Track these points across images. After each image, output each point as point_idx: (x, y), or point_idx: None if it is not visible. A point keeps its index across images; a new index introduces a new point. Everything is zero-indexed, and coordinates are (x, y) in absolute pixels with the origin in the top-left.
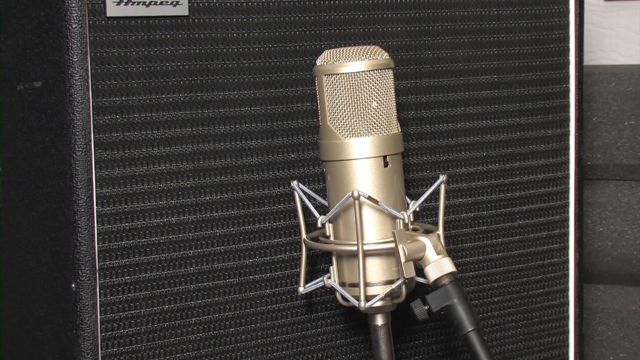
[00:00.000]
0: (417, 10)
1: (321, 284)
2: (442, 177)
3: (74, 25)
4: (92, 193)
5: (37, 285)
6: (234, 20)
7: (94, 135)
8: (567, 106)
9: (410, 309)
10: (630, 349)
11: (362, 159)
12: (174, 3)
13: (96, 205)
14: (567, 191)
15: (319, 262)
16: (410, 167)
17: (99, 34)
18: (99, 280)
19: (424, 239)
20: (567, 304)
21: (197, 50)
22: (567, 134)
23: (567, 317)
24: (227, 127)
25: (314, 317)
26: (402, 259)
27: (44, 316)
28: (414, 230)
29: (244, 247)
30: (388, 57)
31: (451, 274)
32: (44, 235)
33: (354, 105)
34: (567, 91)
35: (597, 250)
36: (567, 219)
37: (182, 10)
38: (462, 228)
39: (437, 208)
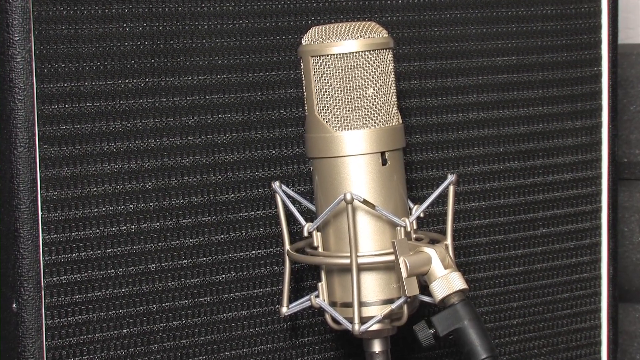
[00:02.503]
0: None
1: (308, 303)
2: (451, 177)
3: None
4: (36, 196)
5: None
6: None
7: (38, 127)
8: (599, 93)
9: (413, 333)
10: None
11: (356, 156)
12: None
13: (41, 211)
14: (599, 194)
15: (305, 278)
16: (413, 166)
17: (44, 8)
18: (45, 299)
19: (429, 251)
20: (599, 327)
21: (160, 28)
22: (599, 125)
23: (600, 343)
24: (196, 118)
25: (299, 342)
26: (404, 274)
27: None
28: (417, 239)
29: (217, 260)
30: (387, 36)
31: (461, 291)
32: None
33: (347, 93)
34: (599, 75)
35: (635, 263)
36: (599, 227)
37: None
38: (475, 237)
39: (445, 214)
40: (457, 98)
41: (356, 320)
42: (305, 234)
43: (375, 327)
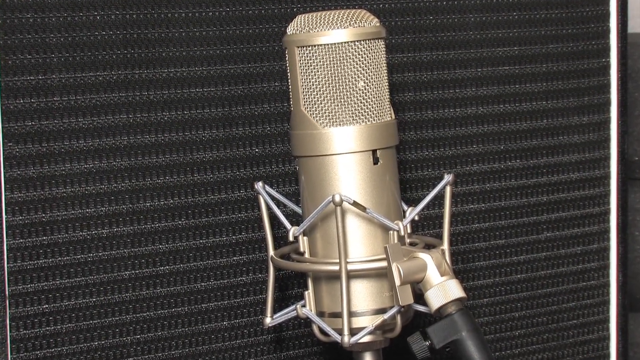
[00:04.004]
0: None
1: (294, 314)
2: (448, 177)
3: None
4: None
5: None
6: None
7: (2, 124)
8: (608, 86)
9: (407, 345)
10: None
11: (345, 154)
12: None
13: (5, 214)
14: (607, 194)
15: (291, 286)
16: (407, 165)
17: None
18: (10, 309)
19: (424, 256)
20: (607, 338)
21: (134, 16)
22: (608, 121)
23: (608, 355)
24: (172, 113)
25: (284, 356)
26: (397, 282)
27: None
28: (411, 244)
29: (195, 267)
30: (379, 24)
31: (459, 300)
32: None
33: (335, 86)
34: (608, 67)
35: None
36: (607, 230)
37: None
38: (474, 242)
39: (442, 216)
40: (454, 92)
41: (346, 331)
42: (291, 238)
43: (366, 338)
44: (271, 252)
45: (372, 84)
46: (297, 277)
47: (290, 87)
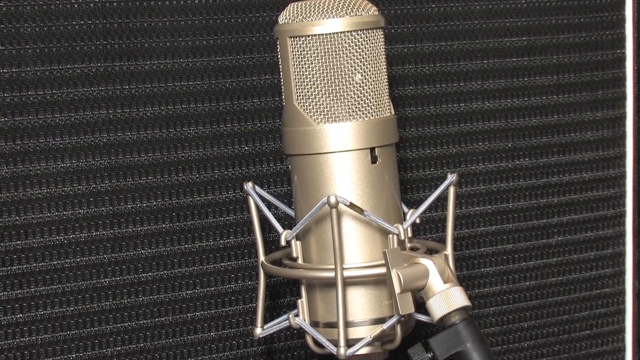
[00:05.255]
0: None
1: (286, 324)
2: (452, 177)
3: None
4: None
5: None
6: None
7: None
8: (623, 79)
9: (408, 358)
10: None
11: (341, 153)
12: None
13: None
14: (623, 196)
15: (283, 295)
16: (407, 164)
17: None
18: None
19: (426, 262)
20: (623, 350)
21: (114, 4)
22: (623, 117)
23: None
24: (156, 109)
25: None
26: (397, 290)
27: None
28: (412, 249)
29: (180, 273)
30: (377, 13)
31: (464, 309)
32: None
33: (331, 79)
34: (623, 58)
35: None
36: (623, 234)
37: None
38: (480, 247)
39: (445, 219)
40: (458, 85)
41: (342, 342)
42: (283, 243)
43: (364, 350)
44: (262, 257)
45: (370, 77)
46: (290, 284)
47: (282, 80)
